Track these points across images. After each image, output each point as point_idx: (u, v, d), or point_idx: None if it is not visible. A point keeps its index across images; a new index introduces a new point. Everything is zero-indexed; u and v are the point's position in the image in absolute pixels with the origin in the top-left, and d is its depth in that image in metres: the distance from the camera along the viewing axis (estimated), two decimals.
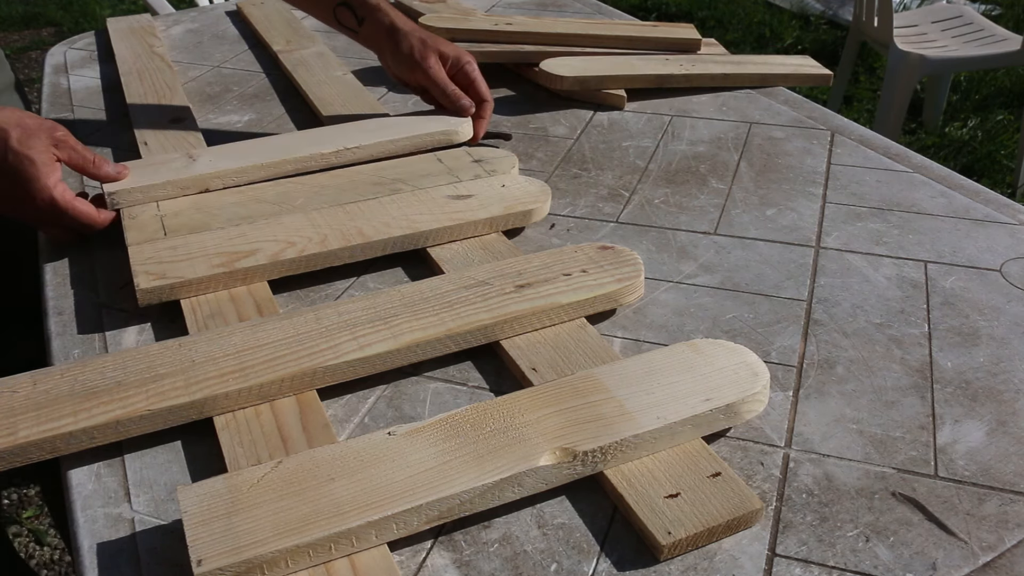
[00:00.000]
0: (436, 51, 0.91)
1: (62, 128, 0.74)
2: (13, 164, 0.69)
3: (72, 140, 0.75)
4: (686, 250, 0.78)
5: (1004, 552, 0.50)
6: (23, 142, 0.70)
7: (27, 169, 0.69)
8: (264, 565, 0.47)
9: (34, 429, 0.55)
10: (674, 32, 1.18)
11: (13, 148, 0.69)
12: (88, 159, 0.76)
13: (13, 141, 0.69)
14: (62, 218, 0.73)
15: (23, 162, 0.69)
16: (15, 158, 0.69)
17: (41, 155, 0.70)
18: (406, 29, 0.91)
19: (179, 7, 1.65)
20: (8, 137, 0.69)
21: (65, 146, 0.74)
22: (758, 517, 0.52)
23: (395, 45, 0.91)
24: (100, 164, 0.78)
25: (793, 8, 3.63)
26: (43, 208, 0.71)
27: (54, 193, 0.71)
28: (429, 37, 0.91)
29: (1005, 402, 0.60)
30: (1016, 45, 2.27)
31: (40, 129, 0.72)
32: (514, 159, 0.87)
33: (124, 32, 1.26)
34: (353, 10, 0.93)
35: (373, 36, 0.93)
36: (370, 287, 0.74)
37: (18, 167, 0.69)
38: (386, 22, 0.91)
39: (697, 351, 0.61)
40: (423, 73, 0.90)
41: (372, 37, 0.93)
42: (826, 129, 0.98)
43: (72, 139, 0.75)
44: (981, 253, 0.76)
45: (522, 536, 0.52)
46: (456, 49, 0.93)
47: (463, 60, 0.92)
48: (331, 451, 0.53)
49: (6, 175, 0.69)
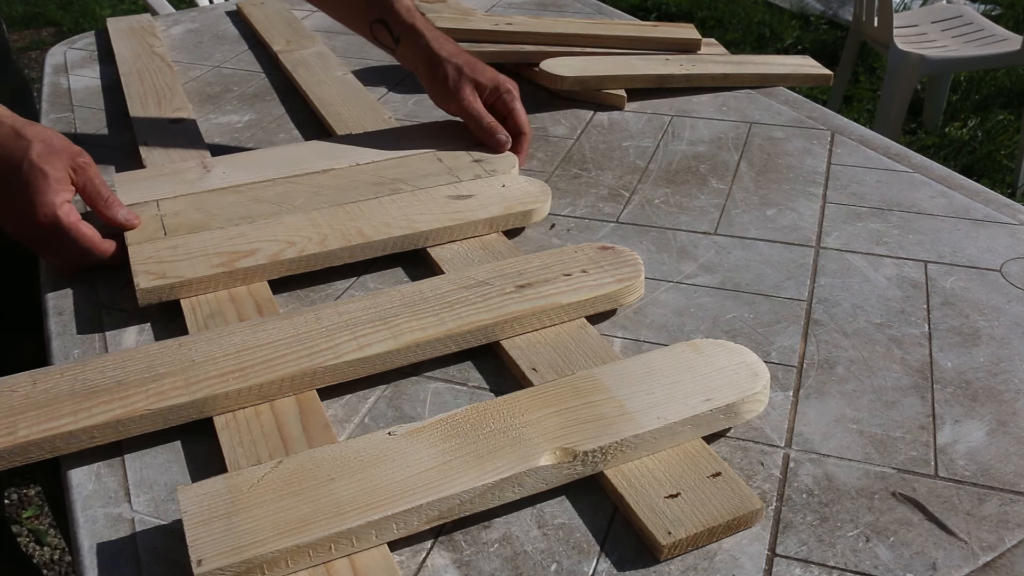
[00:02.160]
0: (472, 81, 0.87)
1: (87, 156, 0.72)
2: (27, 174, 0.68)
3: (93, 171, 0.73)
4: (686, 250, 0.78)
5: (1004, 552, 0.50)
6: (43, 156, 0.68)
7: (38, 182, 0.68)
8: (264, 565, 0.47)
9: (34, 428, 0.55)
10: (674, 32, 1.18)
11: (31, 159, 0.68)
12: (102, 196, 0.73)
13: (33, 154, 0.68)
14: (63, 239, 0.70)
15: (36, 174, 0.68)
16: (30, 168, 0.68)
17: (56, 172, 0.69)
18: (443, 55, 0.87)
19: (179, 7, 1.65)
20: (30, 149, 0.68)
21: (84, 174, 0.72)
22: (758, 517, 0.52)
23: (431, 71, 0.87)
24: (112, 204, 0.74)
25: (793, 8, 3.63)
26: (45, 225, 0.68)
27: (58, 211, 0.68)
28: (467, 64, 0.87)
29: (1005, 402, 0.60)
30: (1016, 45, 2.27)
31: (64, 150, 0.70)
32: (514, 159, 0.87)
33: (124, 32, 1.26)
34: (389, 29, 0.89)
35: (410, 59, 0.90)
36: (370, 287, 0.74)
37: (30, 178, 0.68)
38: (422, 44, 0.87)
39: (697, 351, 0.61)
40: (457, 105, 0.87)
41: (409, 59, 0.90)
42: (826, 129, 0.98)
43: (94, 169, 0.73)
44: (981, 253, 0.76)
45: (522, 536, 0.52)
46: (495, 77, 0.89)
47: (502, 89, 0.88)
48: (331, 451, 0.53)
49: (17, 185, 0.68)
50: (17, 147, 0.67)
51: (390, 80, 1.13)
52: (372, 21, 0.90)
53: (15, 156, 0.67)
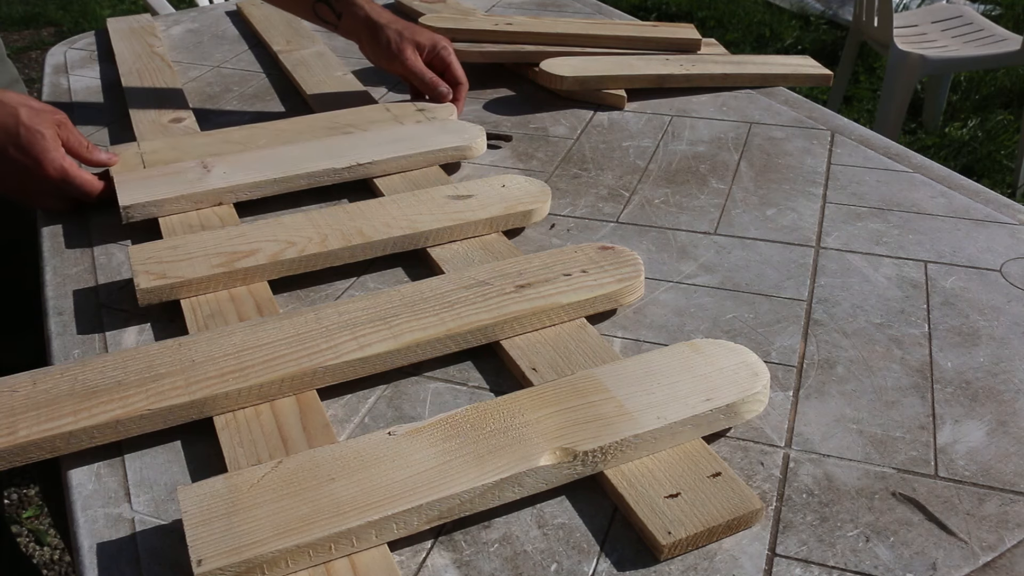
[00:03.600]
0: (412, 42, 0.97)
1: (61, 112, 0.81)
2: (27, 139, 0.76)
3: (71, 125, 0.82)
4: (686, 250, 0.78)
5: (1004, 552, 0.50)
6: (32, 119, 0.77)
7: (39, 142, 0.77)
8: (264, 565, 0.47)
9: (34, 429, 0.55)
10: (674, 32, 1.18)
11: (24, 123, 0.76)
12: (83, 144, 0.82)
13: (24, 118, 0.76)
14: (69, 186, 0.80)
15: (35, 136, 0.76)
16: (27, 132, 0.76)
17: (48, 130, 0.77)
18: (382, 22, 0.98)
19: (179, 7, 1.65)
20: (18, 114, 0.76)
21: (65, 128, 0.80)
22: (758, 517, 0.52)
23: (373, 37, 0.98)
24: (93, 150, 0.84)
25: (793, 8, 3.63)
26: (53, 177, 0.78)
27: (64, 163, 0.78)
28: (406, 28, 0.98)
29: (1005, 402, 0.60)
30: (1016, 45, 2.27)
31: (44, 110, 0.79)
32: (452, 108, 0.98)
33: (124, 32, 1.26)
34: (331, 6, 1.00)
35: (352, 29, 1.00)
36: (370, 287, 0.74)
37: (31, 140, 0.76)
38: (362, 16, 0.98)
39: (697, 351, 0.61)
40: (401, 64, 0.97)
41: (351, 30, 1.00)
42: (826, 129, 0.98)
43: (70, 123, 0.82)
44: (981, 253, 0.76)
45: (522, 536, 0.52)
46: (431, 37, 0.99)
47: (439, 46, 0.99)
48: (331, 451, 0.53)
49: (20, 149, 0.76)
50: (5, 114, 0.76)
51: (390, 80, 1.13)
52: (315, 1, 1.01)
53: (7, 123, 0.76)
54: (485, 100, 1.08)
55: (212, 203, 0.82)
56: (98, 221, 0.82)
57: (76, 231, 0.81)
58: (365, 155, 0.87)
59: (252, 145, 0.90)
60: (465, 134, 0.92)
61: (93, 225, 0.82)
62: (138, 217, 0.79)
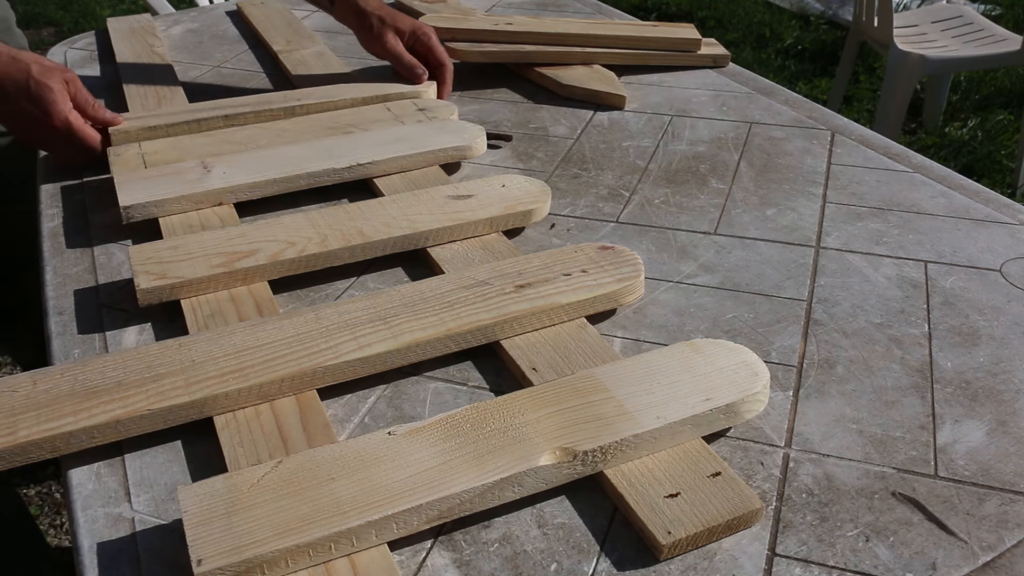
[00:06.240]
0: (393, 27, 1.04)
1: (70, 71, 0.87)
2: (36, 91, 0.83)
3: (79, 83, 0.87)
4: (686, 250, 0.78)
5: (1004, 552, 0.50)
6: (43, 74, 0.83)
7: (47, 95, 0.83)
8: (264, 565, 0.47)
9: (34, 429, 0.55)
10: (674, 32, 1.18)
11: (35, 78, 0.82)
12: (90, 102, 0.88)
13: (35, 72, 0.83)
14: (73, 139, 0.86)
15: (44, 90, 0.83)
16: (37, 86, 0.82)
17: (58, 85, 0.84)
18: (368, 9, 1.04)
19: (179, 7, 1.65)
20: (30, 70, 0.82)
21: (74, 85, 0.86)
22: (758, 517, 0.52)
23: (360, 23, 1.04)
24: (99, 108, 0.91)
25: (793, 8, 3.63)
26: (59, 128, 0.85)
27: (69, 116, 0.85)
28: (388, 15, 1.04)
29: (1005, 402, 0.61)
30: (1016, 45, 2.27)
31: (55, 67, 0.85)
32: (453, 108, 0.99)
33: (124, 32, 1.26)
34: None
35: (343, 15, 1.06)
36: (370, 287, 0.74)
37: (40, 93, 0.83)
38: (351, 3, 1.04)
39: (697, 351, 0.61)
40: (381, 47, 1.04)
41: (342, 16, 1.06)
42: (826, 129, 0.98)
43: (79, 81, 0.87)
44: (981, 253, 0.76)
45: (522, 536, 0.52)
46: (413, 23, 1.05)
47: (419, 32, 1.04)
48: (331, 451, 0.53)
49: (31, 100, 0.83)
50: (17, 69, 0.82)
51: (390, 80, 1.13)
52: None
53: (19, 77, 0.82)
54: (485, 100, 1.08)
55: (212, 203, 0.82)
56: (98, 221, 0.82)
57: (76, 231, 0.81)
58: (365, 155, 0.87)
59: (252, 145, 0.91)
60: (465, 134, 0.92)
61: (93, 225, 0.82)
62: (138, 217, 0.79)
